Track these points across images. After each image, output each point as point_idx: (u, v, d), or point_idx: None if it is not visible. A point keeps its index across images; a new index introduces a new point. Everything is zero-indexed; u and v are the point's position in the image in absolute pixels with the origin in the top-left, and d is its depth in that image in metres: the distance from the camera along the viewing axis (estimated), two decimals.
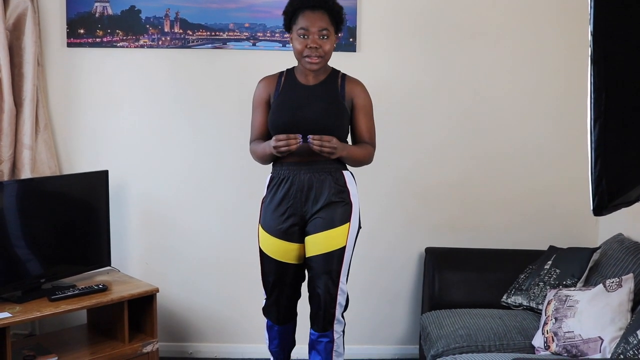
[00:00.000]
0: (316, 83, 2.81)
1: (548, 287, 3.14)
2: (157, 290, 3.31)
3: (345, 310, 2.90)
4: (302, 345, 3.06)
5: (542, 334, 2.82)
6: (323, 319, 2.80)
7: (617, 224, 3.37)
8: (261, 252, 2.87)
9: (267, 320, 3.01)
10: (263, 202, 2.86)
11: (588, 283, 3.10)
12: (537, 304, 3.17)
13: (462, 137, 3.74)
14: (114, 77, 3.67)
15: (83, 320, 3.56)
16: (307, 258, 2.81)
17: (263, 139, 2.85)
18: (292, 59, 2.84)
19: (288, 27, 2.79)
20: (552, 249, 3.45)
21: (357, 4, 3.59)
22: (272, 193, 2.81)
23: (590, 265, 3.16)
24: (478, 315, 3.17)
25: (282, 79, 2.85)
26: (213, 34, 3.61)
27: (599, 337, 2.61)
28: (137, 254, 3.77)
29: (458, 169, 3.76)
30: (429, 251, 3.65)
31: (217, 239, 3.74)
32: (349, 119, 2.82)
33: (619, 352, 2.42)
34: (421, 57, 3.69)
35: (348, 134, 2.87)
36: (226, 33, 3.62)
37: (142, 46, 3.62)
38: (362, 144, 2.83)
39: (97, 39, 3.61)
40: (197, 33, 3.61)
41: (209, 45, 3.62)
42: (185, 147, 3.71)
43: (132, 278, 3.47)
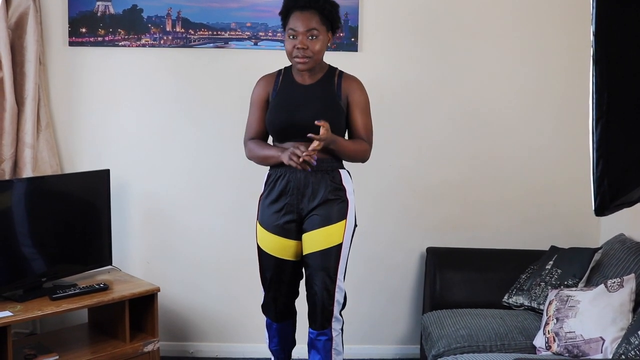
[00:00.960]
0: (313, 82, 2.82)
1: (549, 287, 3.14)
2: (158, 290, 3.31)
3: (343, 309, 2.90)
4: (302, 345, 3.06)
5: (544, 334, 2.82)
6: (321, 316, 2.81)
7: (618, 224, 3.37)
8: (259, 249, 2.90)
9: (266, 318, 3.03)
10: (260, 199, 2.89)
11: (589, 283, 3.10)
12: (539, 304, 3.17)
13: (463, 136, 3.74)
14: (115, 77, 3.67)
15: (84, 320, 3.56)
16: (305, 256, 2.83)
17: (259, 138, 2.88)
18: None
19: (283, 27, 2.82)
20: (553, 249, 3.44)
21: (358, 4, 3.58)
22: (269, 190, 2.83)
23: (591, 265, 3.15)
24: (479, 315, 3.16)
25: (280, 77, 2.87)
26: (215, 33, 3.61)
27: (601, 338, 2.61)
28: (139, 253, 3.77)
29: (459, 169, 3.76)
30: (430, 251, 3.65)
31: (219, 238, 3.74)
32: (345, 118, 2.83)
33: (621, 352, 2.42)
34: (422, 56, 3.69)
35: (345, 132, 2.88)
36: (228, 32, 3.62)
37: (143, 45, 3.62)
38: (357, 139, 2.84)
39: (99, 38, 3.61)
40: (198, 32, 3.61)
41: (211, 44, 3.62)
42: (187, 146, 3.71)
43: (133, 277, 3.47)
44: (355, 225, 2.88)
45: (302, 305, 2.97)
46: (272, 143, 2.92)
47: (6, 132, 3.44)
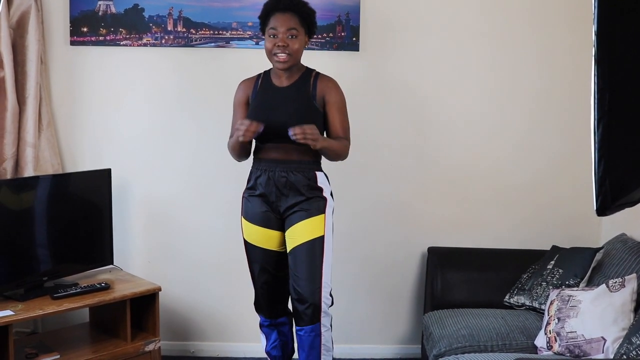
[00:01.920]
0: (289, 84, 2.90)
1: (551, 287, 3.14)
2: (160, 289, 3.31)
3: (331, 305, 2.93)
4: None
5: (545, 334, 2.82)
6: (310, 311, 2.84)
7: (620, 224, 3.37)
8: (245, 243, 2.99)
9: (260, 317, 3.08)
10: (243, 196, 2.99)
11: (591, 283, 3.09)
12: (540, 303, 3.17)
13: (464, 136, 3.73)
14: (116, 76, 3.67)
15: (85, 319, 3.56)
16: (289, 252, 2.89)
17: None
18: None
19: (263, 30, 2.90)
20: (555, 248, 3.44)
21: (360, 4, 3.58)
22: (251, 185, 2.95)
23: (593, 265, 3.15)
24: (480, 315, 3.16)
25: (259, 81, 2.97)
26: (216, 32, 3.61)
27: (602, 337, 2.61)
28: (140, 253, 3.77)
29: (461, 168, 3.75)
30: (432, 251, 3.65)
31: (220, 237, 3.74)
32: (321, 118, 2.90)
33: (622, 352, 2.42)
34: (424, 56, 3.68)
35: (323, 132, 2.93)
36: (229, 32, 3.62)
37: (145, 45, 3.62)
38: (338, 138, 2.90)
39: (101, 38, 3.61)
40: (200, 32, 3.61)
41: (212, 44, 3.62)
42: (188, 145, 3.72)
43: (135, 277, 3.47)
44: (333, 228, 2.94)
45: None
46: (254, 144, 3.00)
47: (7, 131, 3.44)
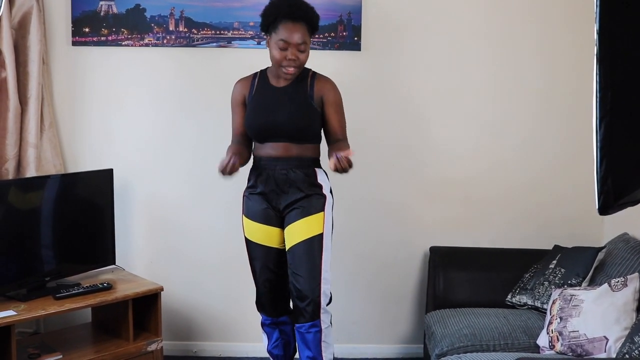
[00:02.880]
0: (286, 84, 2.89)
1: (553, 287, 3.14)
2: (162, 289, 3.31)
3: (330, 302, 2.94)
4: None
5: (547, 333, 2.82)
6: (310, 307, 2.85)
7: (622, 223, 3.36)
8: (246, 241, 2.99)
9: (262, 316, 3.08)
10: (244, 195, 2.99)
11: (593, 282, 3.09)
12: (542, 303, 3.16)
13: (466, 135, 3.73)
14: (118, 76, 3.67)
15: (87, 319, 3.57)
16: (288, 250, 2.89)
17: (242, 139, 2.97)
18: None
19: (266, 29, 2.84)
20: (557, 248, 3.44)
21: (361, 3, 3.58)
22: (251, 184, 2.94)
23: (595, 264, 3.14)
24: (482, 315, 3.16)
25: (256, 80, 2.95)
26: (218, 32, 3.61)
27: (604, 337, 2.61)
28: (142, 253, 3.77)
29: (463, 168, 3.75)
30: (434, 250, 3.65)
31: (222, 237, 3.74)
32: (319, 118, 2.90)
33: (625, 351, 2.42)
34: (425, 56, 3.68)
35: (320, 132, 2.94)
36: (231, 32, 3.62)
37: (147, 45, 3.62)
38: (340, 141, 2.87)
39: (102, 38, 3.61)
40: (201, 32, 3.61)
41: (214, 44, 3.62)
42: (190, 145, 3.72)
43: (137, 277, 3.48)
44: (333, 225, 2.94)
45: None
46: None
47: (9, 132, 3.45)
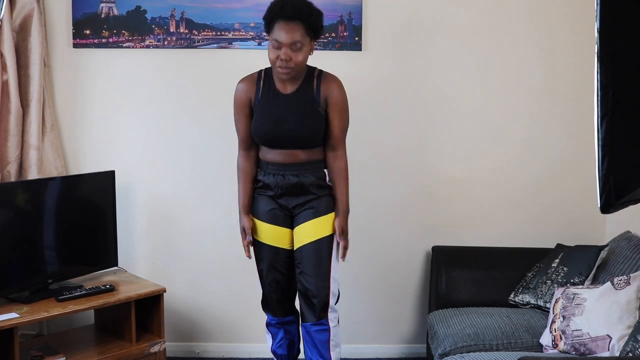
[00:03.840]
0: (293, 90, 2.85)
1: (556, 285, 3.13)
2: (164, 290, 3.32)
3: (337, 301, 2.94)
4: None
5: (550, 332, 2.81)
6: (318, 306, 2.85)
7: (624, 221, 3.36)
8: (255, 242, 2.98)
9: (268, 316, 3.07)
10: (253, 196, 2.99)
11: (596, 281, 3.09)
12: (545, 302, 3.16)
13: (468, 135, 3.73)
14: (119, 78, 3.68)
15: (90, 321, 3.57)
16: (297, 249, 2.89)
17: (249, 142, 2.96)
18: None
19: (266, 30, 2.83)
20: (559, 247, 3.44)
21: (362, 3, 3.58)
22: (260, 186, 2.94)
23: (598, 263, 3.14)
24: (485, 314, 3.16)
25: (261, 82, 2.89)
26: (218, 33, 3.61)
27: (607, 335, 2.60)
28: (144, 254, 3.78)
29: (465, 167, 3.75)
30: (436, 250, 3.64)
31: (224, 238, 3.74)
32: (324, 124, 2.87)
33: (628, 350, 2.42)
34: (427, 55, 3.68)
35: (323, 133, 2.90)
36: (232, 33, 3.62)
37: (147, 46, 3.63)
38: (338, 179, 2.89)
39: (103, 40, 3.61)
40: (202, 33, 3.61)
41: (215, 45, 3.63)
42: (192, 146, 3.72)
43: (139, 278, 3.48)
44: None
45: None
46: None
47: (11, 134, 3.45)
